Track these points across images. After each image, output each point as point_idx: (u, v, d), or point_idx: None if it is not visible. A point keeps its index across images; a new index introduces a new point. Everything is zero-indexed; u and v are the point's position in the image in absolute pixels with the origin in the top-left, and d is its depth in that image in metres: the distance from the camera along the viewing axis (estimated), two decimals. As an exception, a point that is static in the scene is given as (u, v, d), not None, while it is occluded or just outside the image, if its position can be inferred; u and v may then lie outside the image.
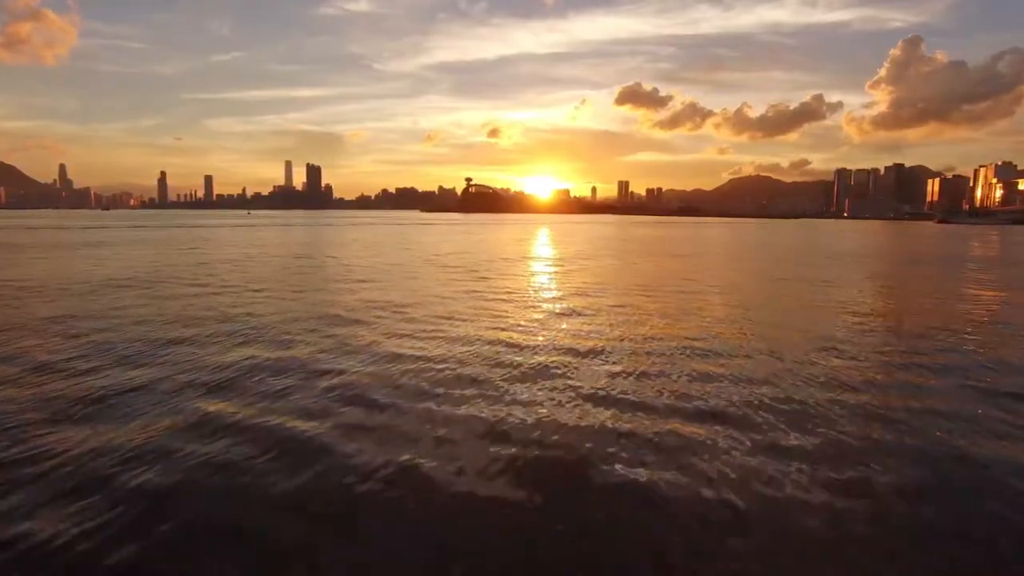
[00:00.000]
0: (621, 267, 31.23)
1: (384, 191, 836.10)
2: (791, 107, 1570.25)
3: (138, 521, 5.42)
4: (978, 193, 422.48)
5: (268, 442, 7.16)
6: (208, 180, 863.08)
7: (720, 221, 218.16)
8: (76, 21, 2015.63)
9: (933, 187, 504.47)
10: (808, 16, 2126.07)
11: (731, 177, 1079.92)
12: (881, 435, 7.62)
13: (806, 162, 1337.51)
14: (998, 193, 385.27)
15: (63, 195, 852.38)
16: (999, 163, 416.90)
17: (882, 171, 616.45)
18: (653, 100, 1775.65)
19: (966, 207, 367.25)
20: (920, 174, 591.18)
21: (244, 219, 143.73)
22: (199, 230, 74.41)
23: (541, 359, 11.27)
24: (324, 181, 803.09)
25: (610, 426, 7.84)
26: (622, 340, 13.02)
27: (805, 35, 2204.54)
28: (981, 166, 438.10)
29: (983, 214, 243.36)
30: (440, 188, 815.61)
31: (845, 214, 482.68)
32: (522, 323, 15.01)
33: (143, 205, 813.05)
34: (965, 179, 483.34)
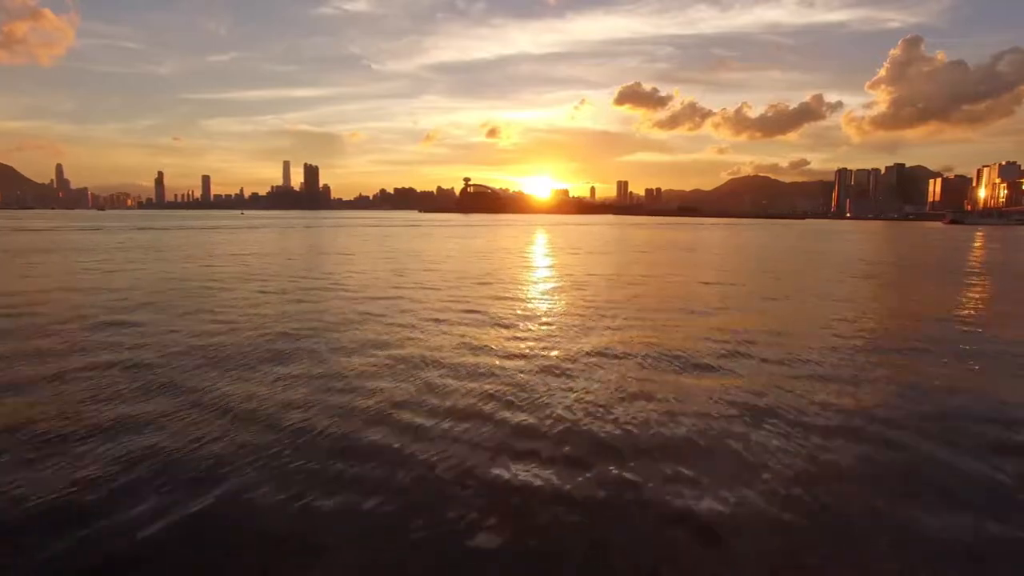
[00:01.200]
0: (670, 289, 25.96)
1: (382, 191, 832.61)
2: (790, 107, 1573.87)
3: None
4: (981, 193, 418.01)
5: None
6: (206, 180, 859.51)
7: (722, 222, 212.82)
8: (75, 21, 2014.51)
9: (934, 187, 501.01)
10: (807, 16, 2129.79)
11: (730, 177, 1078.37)
12: None
13: (805, 162, 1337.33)
14: (1002, 193, 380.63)
15: (60, 195, 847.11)
16: (1003, 163, 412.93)
17: (883, 171, 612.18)
18: (652, 100, 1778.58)
19: (968, 207, 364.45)
20: (920, 174, 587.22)
21: (233, 220, 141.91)
22: (172, 232, 69.03)
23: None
24: (322, 181, 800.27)
25: None
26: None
27: (804, 35, 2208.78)
28: (984, 166, 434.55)
29: (995, 215, 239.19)
30: (438, 188, 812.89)
31: (848, 214, 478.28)
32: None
33: (140, 205, 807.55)
34: (967, 179, 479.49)
